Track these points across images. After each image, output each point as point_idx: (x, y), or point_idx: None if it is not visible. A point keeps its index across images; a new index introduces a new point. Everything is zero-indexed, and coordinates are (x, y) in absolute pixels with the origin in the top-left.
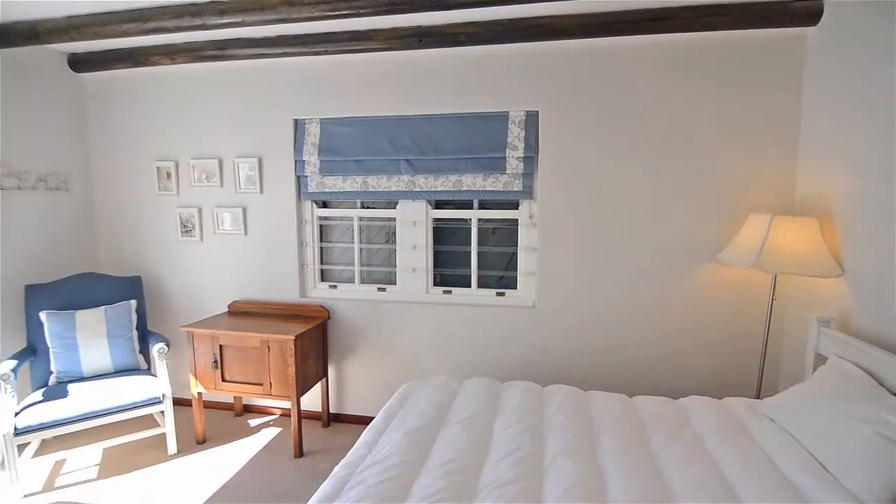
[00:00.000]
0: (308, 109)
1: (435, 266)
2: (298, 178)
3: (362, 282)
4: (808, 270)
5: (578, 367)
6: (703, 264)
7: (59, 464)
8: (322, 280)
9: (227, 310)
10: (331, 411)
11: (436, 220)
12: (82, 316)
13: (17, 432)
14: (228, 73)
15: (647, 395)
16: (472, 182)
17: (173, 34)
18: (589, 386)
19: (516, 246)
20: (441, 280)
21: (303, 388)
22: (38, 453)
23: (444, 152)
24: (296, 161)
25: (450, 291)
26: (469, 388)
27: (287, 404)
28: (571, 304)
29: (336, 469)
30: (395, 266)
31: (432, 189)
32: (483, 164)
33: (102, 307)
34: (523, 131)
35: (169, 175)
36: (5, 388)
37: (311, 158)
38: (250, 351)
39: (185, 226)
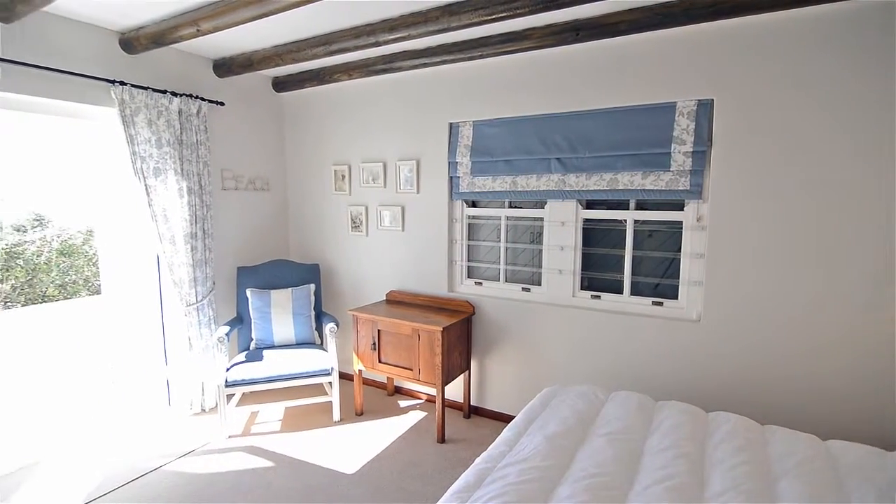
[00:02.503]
0: (462, 112)
1: (583, 269)
2: (451, 178)
3: (507, 280)
4: None
5: (749, 396)
6: None
7: (254, 415)
8: (469, 276)
9: (385, 298)
10: (472, 403)
11: (586, 220)
12: (276, 295)
13: (227, 385)
14: (394, 83)
15: (846, 441)
16: (630, 181)
17: (351, 53)
18: (762, 419)
19: (677, 251)
20: (589, 284)
21: (448, 377)
22: (239, 404)
23: (599, 149)
24: (449, 163)
25: (598, 296)
26: (617, 401)
27: (433, 391)
28: (745, 322)
29: (477, 461)
30: (541, 267)
31: (584, 188)
32: (643, 161)
33: (290, 288)
34: (693, 123)
35: (343, 177)
36: (220, 348)
37: (464, 160)
38: (403, 338)
39: (354, 222)
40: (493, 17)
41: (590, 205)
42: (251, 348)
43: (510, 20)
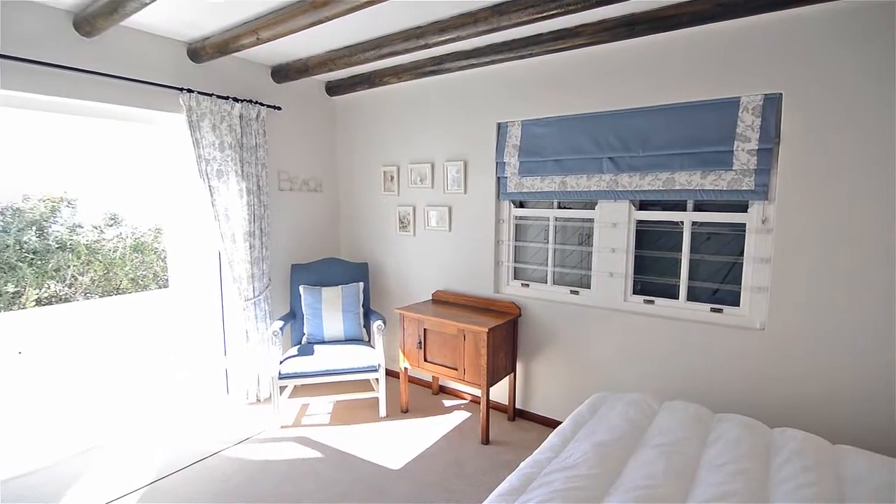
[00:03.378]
0: (510, 112)
1: (636, 272)
2: (498, 179)
3: (555, 283)
4: None
5: (817, 413)
6: None
7: (304, 407)
8: (515, 278)
9: (431, 298)
10: (516, 406)
11: (639, 222)
12: (326, 292)
13: (280, 377)
14: (442, 84)
15: None
16: (687, 180)
17: (401, 56)
18: (832, 438)
19: (739, 255)
20: (642, 288)
21: (493, 378)
22: (291, 395)
23: (654, 148)
24: (497, 163)
25: (652, 301)
26: (671, 411)
27: (477, 392)
28: (814, 333)
29: (522, 465)
30: (590, 269)
31: (638, 189)
32: (702, 160)
33: (340, 286)
34: (759, 119)
35: (392, 178)
36: (274, 342)
37: (512, 160)
38: (448, 337)
39: (401, 222)
40: (544, 14)
41: (643, 206)
42: (303, 343)
43: (561, 17)
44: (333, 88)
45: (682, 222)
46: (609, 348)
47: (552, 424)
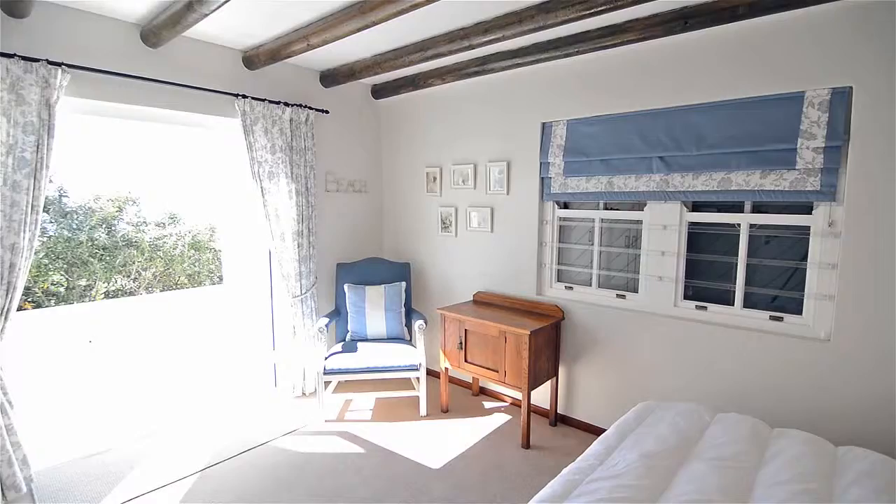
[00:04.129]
0: (555, 111)
1: (687, 276)
2: (542, 179)
3: (600, 286)
4: None
5: (888, 431)
6: None
7: (348, 402)
8: (559, 280)
9: (472, 299)
10: (558, 411)
11: (692, 224)
12: (370, 290)
13: (325, 372)
14: (486, 85)
15: None
16: (745, 180)
17: (446, 57)
18: None
19: (802, 260)
20: (694, 293)
21: (534, 382)
22: (335, 391)
23: (709, 146)
24: (541, 163)
25: (704, 307)
26: (725, 424)
27: (518, 395)
28: (885, 346)
29: (565, 471)
30: (638, 272)
31: (690, 189)
32: (762, 159)
33: (383, 285)
34: (825, 115)
35: (434, 179)
36: (320, 338)
37: (556, 160)
38: (490, 339)
39: (443, 222)
40: (592, 11)
41: (696, 207)
42: (347, 340)
43: (610, 13)
44: (379, 91)
45: (738, 225)
46: (657, 355)
47: (595, 432)
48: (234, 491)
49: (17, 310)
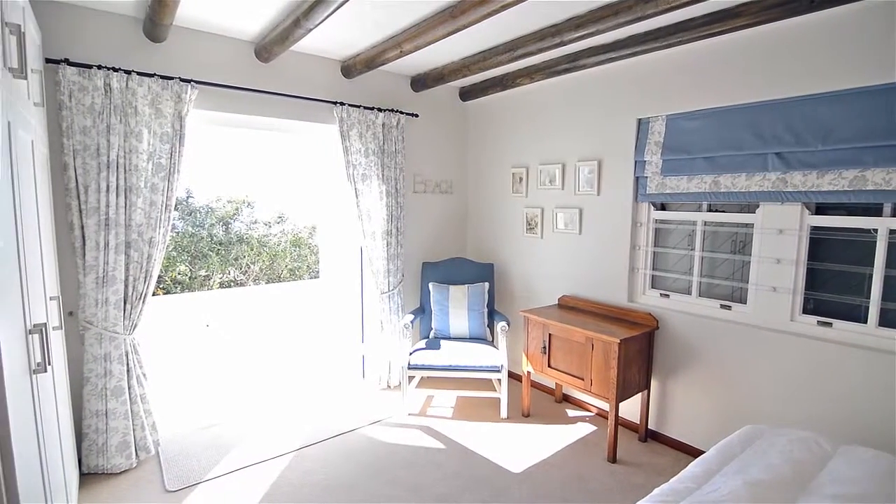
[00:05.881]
0: (653, 107)
1: (807, 288)
2: (637, 179)
3: (700, 294)
4: None
5: None
6: None
7: (430, 398)
8: (653, 287)
9: (557, 302)
10: (649, 426)
11: (814, 228)
12: (453, 290)
13: (409, 367)
14: (575, 82)
15: None
16: (884, 178)
17: (535, 56)
18: None
19: None
20: (815, 307)
21: (623, 393)
22: (418, 386)
23: (839, 141)
24: (635, 162)
25: (829, 324)
26: (850, 458)
27: (605, 405)
28: None
29: (657, 491)
30: (747, 281)
31: (814, 189)
32: None
33: (466, 285)
34: None
35: (520, 180)
36: (405, 334)
37: (653, 158)
38: (575, 345)
39: (529, 224)
40: None
41: (820, 209)
42: (430, 337)
43: None
44: (466, 93)
45: (875, 230)
46: (767, 374)
47: (690, 452)
48: (324, 472)
49: (152, 295)
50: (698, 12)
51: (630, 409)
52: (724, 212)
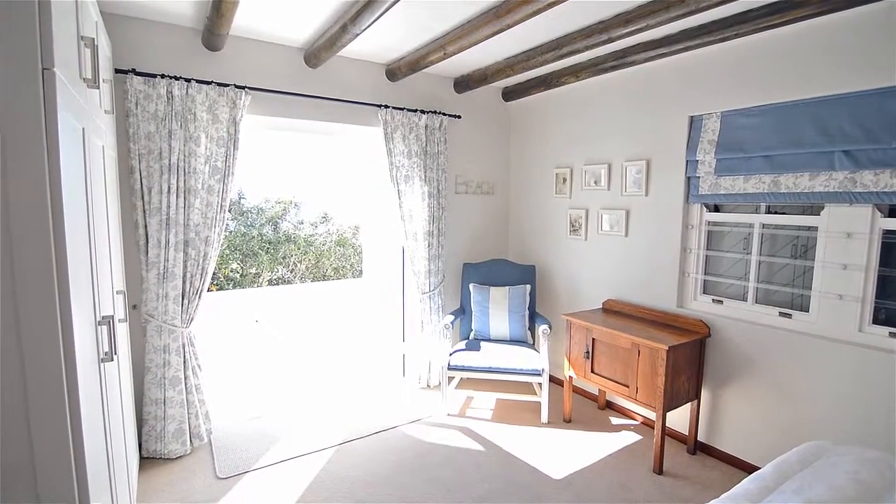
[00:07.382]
0: (706, 104)
1: (878, 297)
2: (688, 179)
3: (757, 301)
4: None
5: None
6: None
7: (469, 399)
8: (704, 292)
9: (601, 306)
10: (698, 438)
11: (886, 232)
12: (494, 291)
13: (449, 368)
14: (623, 79)
15: None
16: None
17: (581, 54)
18: None
19: None
20: (886, 317)
21: (671, 402)
22: (458, 387)
23: None
24: (687, 161)
25: None
26: None
27: (651, 414)
28: None
29: None
30: (809, 288)
31: (888, 189)
32: None
33: (507, 287)
34: None
35: (564, 180)
36: (445, 334)
37: (706, 157)
38: (620, 351)
39: (572, 225)
40: None
41: (894, 211)
42: (470, 338)
43: None
44: (509, 94)
45: None
46: (830, 388)
47: (743, 467)
48: (364, 467)
49: (207, 291)
50: (757, 3)
51: (678, 419)
52: (784, 213)
